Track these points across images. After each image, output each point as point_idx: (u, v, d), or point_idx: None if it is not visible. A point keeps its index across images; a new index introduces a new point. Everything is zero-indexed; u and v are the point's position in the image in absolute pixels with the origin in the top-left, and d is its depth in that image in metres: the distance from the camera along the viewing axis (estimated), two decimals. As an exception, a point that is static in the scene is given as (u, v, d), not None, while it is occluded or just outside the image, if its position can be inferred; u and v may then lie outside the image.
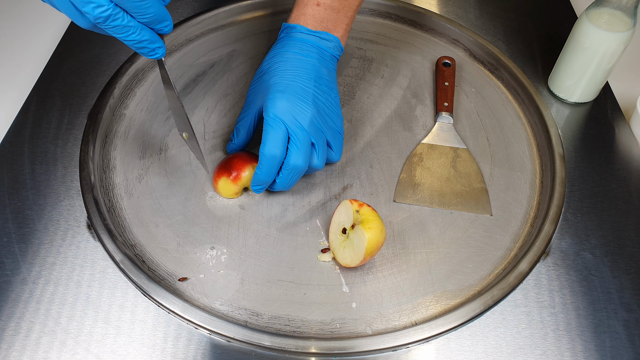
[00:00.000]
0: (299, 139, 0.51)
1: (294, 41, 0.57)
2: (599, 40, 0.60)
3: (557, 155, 0.60)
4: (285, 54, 0.56)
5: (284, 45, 0.58)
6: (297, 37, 0.58)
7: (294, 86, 0.53)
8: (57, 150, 0.61)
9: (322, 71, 0.56)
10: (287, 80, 0.54)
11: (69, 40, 0.73)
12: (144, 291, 0.50)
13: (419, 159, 0.61)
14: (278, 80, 0.54)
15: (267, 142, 0.51)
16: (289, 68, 0.55)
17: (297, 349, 0.47)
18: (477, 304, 0.49)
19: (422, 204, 0.58)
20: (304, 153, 0.52)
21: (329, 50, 0.58)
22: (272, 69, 0.56)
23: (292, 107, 0.52)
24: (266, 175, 0.52)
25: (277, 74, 0.55)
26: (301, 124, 0.52)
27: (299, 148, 0.51)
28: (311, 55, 0.56)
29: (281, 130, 0.51)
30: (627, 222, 0.56)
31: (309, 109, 0.52)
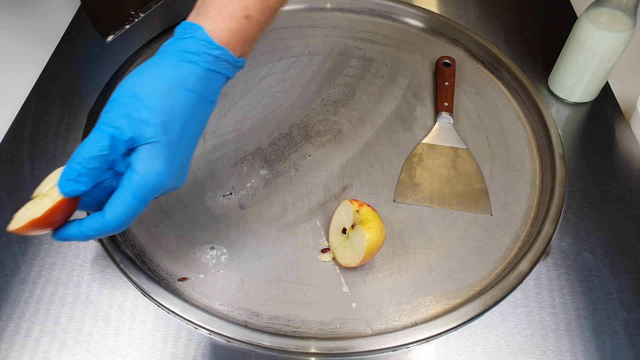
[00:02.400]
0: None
1: (219, 76, 0.46)
2: (599, 40, 0.60)
3: (557, 155, 0.60)
4: (186, 94, 0.44)
5: (201, 76, 0.44)
6: (219, 69, 0.45)
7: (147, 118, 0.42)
8: (57, 150, 0.61)
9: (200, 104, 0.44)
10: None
11: (69, 40, 0.73)
12: (144, 291, 0.50)
13: (419, 159, 0.61)
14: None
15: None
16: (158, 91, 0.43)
17: (297, 349, 0.47)
18: (477, 304, 0.49)
19: (422, 204, 0.58)
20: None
21: (227, 73, 0.45)
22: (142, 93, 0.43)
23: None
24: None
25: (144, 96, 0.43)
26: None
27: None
28: (215, 97, 0.45)
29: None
30: (627, 222, 0.56)
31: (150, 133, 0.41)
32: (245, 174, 0.60)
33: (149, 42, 0.71)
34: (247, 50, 0.47)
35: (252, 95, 0.68)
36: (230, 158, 0.61)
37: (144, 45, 0.71)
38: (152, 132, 0.40)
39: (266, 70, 0.71)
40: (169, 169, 0.42)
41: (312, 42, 0.75)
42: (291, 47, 0.74)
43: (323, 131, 0.64)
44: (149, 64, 0.43)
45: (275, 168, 0.60)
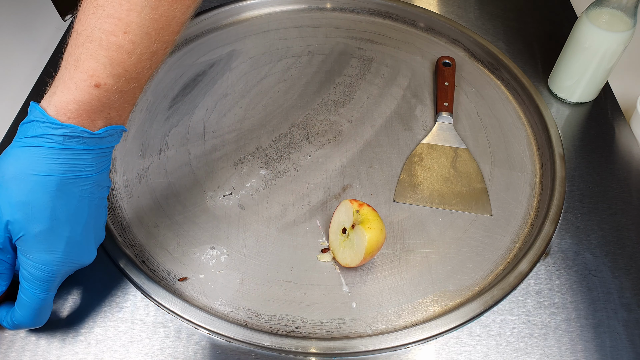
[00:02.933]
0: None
1: (68, 155, 0.41)
2: (599, 40, 0.60)
3: (557, 155, 0.60)
4: (46, 185, 0.41)
5: (50, 158, 0.41)
6: (69, 145, 0.41)
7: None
8: (57, 150, 0.61)
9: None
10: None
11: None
12: (144, 291, 0.50)
13: (419, 159, 0.61)
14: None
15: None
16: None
17: (297, 349, 0.47)
18: (477, 304, 0.49)
19: (422, 204, 0.58)
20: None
21: (110, 145, 0.43)
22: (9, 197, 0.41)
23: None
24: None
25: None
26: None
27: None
28: (90, 177, 0.42)
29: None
30: (627, 222, 0.56)
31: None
32: (245, 174, 0.60)
33: (149, 42, 0.71)
34: (119, 117, 0.42)
35: (252, 95, 0.68)
36: (230, 158, 0.61)
37: (144, 45, 0.71)
38: (17, 227, 0.39)
39: (266, 70, 0.71)
40: (52, 257, 0.41)
41: (312, 42, 0.75)
42: (291, 47, 0.74)
43: (323, 131, 0.64)
44: (1, 156, 0.41)
45: (275, 168, 0.60)
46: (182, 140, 0.63)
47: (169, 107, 0.66)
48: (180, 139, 0.63)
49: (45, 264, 0.41)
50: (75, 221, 0.42)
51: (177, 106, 0.66)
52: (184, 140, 0.63)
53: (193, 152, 0.61)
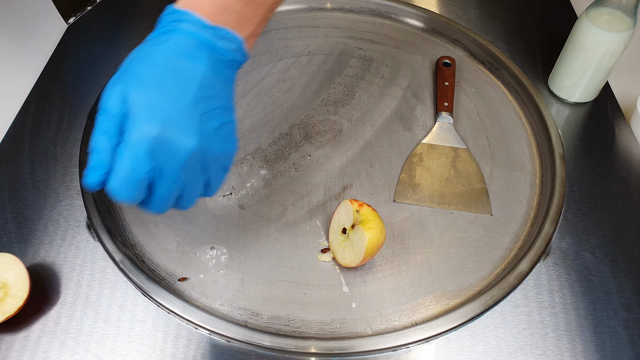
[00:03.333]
0: (161, 190, 0.40)
1: (179, 36, 0.41)
2: (599, 40, 0.60)
3: (557, 155, 0.60)
4: (162, 55, 0.40)
5: (164, 40, 0.41)
6: (184, 29, 0.41)
7: (170, 110, 0.38)
8: (56, 150, 0.61)
9: (213, 84, 0.40)
10: (162, 99, 0.38)
11: (69, 40, 0.73)
12: (144, 291, 0.50)
13: (419, 159, 0.61)
14: (146, 95, 0.38)
15: (117, 180, 0.39)
16: (165, 79, 0.39)
17: (297, 349, 0.47)
18: (477, 304, 0.49)
19: (422, 204, 0.58)
20: (161, 203, 0.41)
21: (227, 54, 0.42)
22: (142, 76, 0.40)
23: (162, 143, 0.38)
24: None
25: (147, 85, 0.39)
26: (170, 171, 0.39)
27: (158, 199, 0.41)
28: (201, 60, 0.40)
29: (141, 174, 0.38)
30: (627, 222, 0.56)
31: (185, 149, 0.39)
32: (245, 174, 0.60)
33: (149, 42, 0.71)
34: (240, 24, 0.42)
35: (252, 95, 0.68)
36: (230, 158, 0.61)
37: (144, 45, 0.71)
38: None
39: (266, 70, 0.71)
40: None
41: (312, 42, 0.75)
42: (291, 47, 0.74)
43: (323, 131, 0.64)
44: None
45: (275, 168, 0.60)
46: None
47: None
48: (180, 139, 0.63)
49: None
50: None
51: (177, 106, 0.66)
52: None
53: (193, 152, 0.61)
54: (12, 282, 0.47)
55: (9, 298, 0.47)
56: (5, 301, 0.47)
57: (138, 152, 0.38)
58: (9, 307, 0.46)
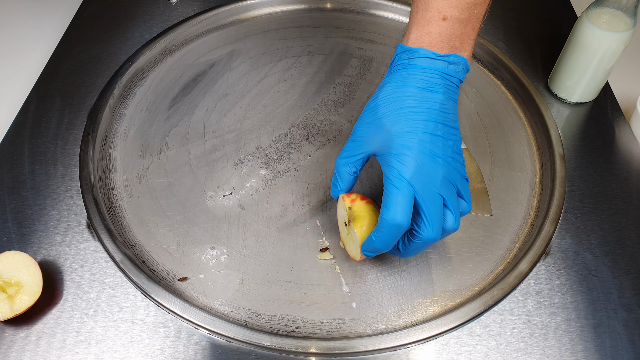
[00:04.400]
0: (430, 209, 0.43)
1: (417, 71, 0.46)
2: (599, 40, 0.60)
3: (557, 155, 0.60)
4: (407, 90, 0.46)
5: (405, 76, 0.47)
6: (420, 65, 0.47)
7: (422, 138, 0.44)
8: (57, 150, 0.61)
9: (448, 107, 0.46)
10: (413, 128, 0.45)
11: (69, 40, 0.73)
12: (144, 291, 0.50)
13: None
14: (402, 127, 0.45)
15: (392, 207, 0.43)
16: (413, 110, 0.45)
17: (297, 349, 0.47)
18: (477, 304, 0.49)
19: None
20: (437, 224, 0.44)
21: (456, 76, 0.47)
22: (392, 109, 0.46)
23: (421, 167, 0.43)
24: (383, 245, 0.45)
25: (399, 118, 0.45)
26: (433, 188, 0.43)
27: (431, 220, 0.43)
28: (438, 89, 0.46)
29: (409, 196, 0.43)
30: (627, 222, 0.56)
31: (440, 168, 0.44)
32: (245, 174, 0.60)
33: (149, 42, 0.71)
34: (462, 46, 0.48)
35: (252, 95, 0.68)
36: (230, 158, 0.61)
37: (144, 45, 0.71)
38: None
39: (266, 70, 0.71)
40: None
41: (312, 42, 0.75)
42: (291, 47, 0.74)
43: (323, 131, 0.64)
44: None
45: (275, 168, 0.60)
46: (182, 140, 0.63)
47: (169, 107, 0.66)
48: (180, 139, 0.63)
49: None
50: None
51: (177, 106, 0.66)
52: (184, 140, 0.63)
53: (193, 152, 0.61)
54: (25, 280, 0.48)
55: (21, 295, 0.47)
56: (16, 298, 0.47)
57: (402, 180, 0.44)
58: (20, 305, 0.47)
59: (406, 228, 0.44)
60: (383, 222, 0.44)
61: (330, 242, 0.55)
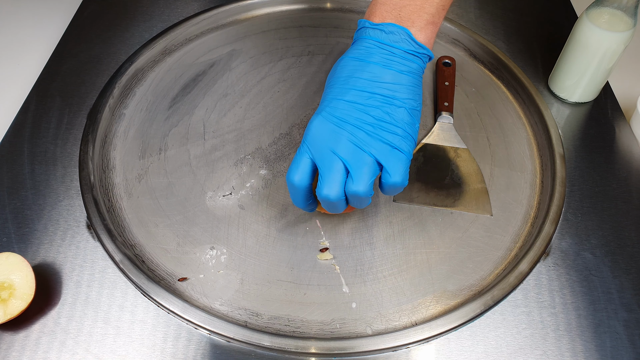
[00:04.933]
0: (324, 171, 0.45)
1: (357, 43, 0.49)
2: (599, 40, 0.60)
3: (557, 155, 0.60)
4: (342, 61, 0.49)
5: (349, 50, 0.50)
6: (361, 36, 0.49)
7: (336, 103, 0.46)
8: (56, 150, 0.61)
9: (381, 76, 0.46)
10: (333, 94, 0.47)
11: (69, 40, 0.73)
12: (144, 291, 0.50)
13: (419, 159, 0.61)
14: (324, 99, 0.48)
15: (290, 168, 0.47)
16: (339, 79, 0.47)
17: (297, 349, 0.47)
18: (477, 304, 0.49)
19: (422, 204, 0.58)
20: (332, 185, 0.45)
21: (395, 45, 0.47)
22: (328, 82, 0.49)
23: (321, 132, 0.46)
24: (298, 203, 0.49)
25: (327, 90, 0.48)
26: (328, 152, 0.45)
27: (326, 181, 0.45)
28: (371, 59, 0.47)
29: (305, 160, 0.46)
30: (628, 222, 0.56)
31: (346, 133, 0.45)
32: (245, 174, 0.60)
33: (149, 42, 0.71)
34: (409, 21, 0.48)
35: (252, 95, 0.68)
36: (230, 158, 0.61)
37: (144, 45, 0.71)
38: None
39: (266, 70, 0.71)
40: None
41: (312, 42, 0.75)
42: (291, 47, 0.74)
43: (323, 131, 0.64)
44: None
45: (275, 168, 0.60)
46: (182, 140, 0.63)
47: (169, 107, 0.66)
48: (180, 139, 0.63)
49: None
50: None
51: (177, 106, 0.66)
52: (184, 140, 0.63)
53: (193, 152, 0.61)
54: (18, 284, 0.47)
55: (13, 299, 0.47)
56: (9, 302, 0.47)
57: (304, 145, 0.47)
58: (13, 309, 0.46)
59: (304, 187, 0.47)
60: (287, 181, 0.48)
61: (330, 242, 0.55)
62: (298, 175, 0.47)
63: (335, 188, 0.45)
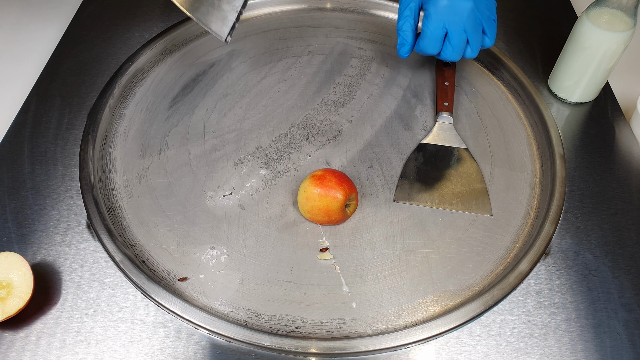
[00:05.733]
0: (454, 37, 0.55)
1: None
2: (599, 40, 0.60)
3: (557, 155, 0.60)
4: None
5: None
6: None
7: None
8: (56, 150, 0.61)
9: None
10: None
11: (69, 40, 0.73)
12: (144, 291, 0.50)
13: (419, 159, 0.61)
14: None
15: (422, 40, 0.56)
16: None
17: (297, 349, 0.47)
18: (477, 304, 0.49)
19: (422, 204, 0.58)
20: (458, 49, 0.56)
21: None
22: None
23: (449, 5, 0.54)
24: (426, 47, 0.57)
25: None
26: (459, 24, 0.54)
27: (454, 46, 0.56)
28: None
29: (436, 30, 0.55)
30: (627, 222, 0.56)
31: (467, 5, 0.54)
32: (245, 174, 0.60)
33: (149, 42, 0.71)
34: None
35: (252, 95, 0.68)
36: (230, 158, 0.61)
37: (144, 45, 0.71)
38: None
39: (266, 70, 0.71)
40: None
41: (312, 42, 0.75)
42: (291, 47, 0.74)
43: (323, 131, 0.64)
44: None
45: (275, 168, 0.60)
46: (182, 140, 0.63)
47: (169, 107, 0.66)
48: (180, 139, 0.63)
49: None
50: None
51: (177, 106, 0.66)
52: (184, 140, 0.63)
53: (193, 152, 0.61)
54: (17, 282, 0.47)
55: (11, 298, 0.47)
56: (7, 301, 0.47)
57: (437, 17, 0.55)
58: (10, 307, 0.46)
59: (435, 52, 0.57)
60: (419, 51, 0.58)
61: (330, 242, 0.55)
62: (436, 45, 0.57)
63: (459, 55, 0.58)
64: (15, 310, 0.47)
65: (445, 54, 0.57)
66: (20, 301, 0.47)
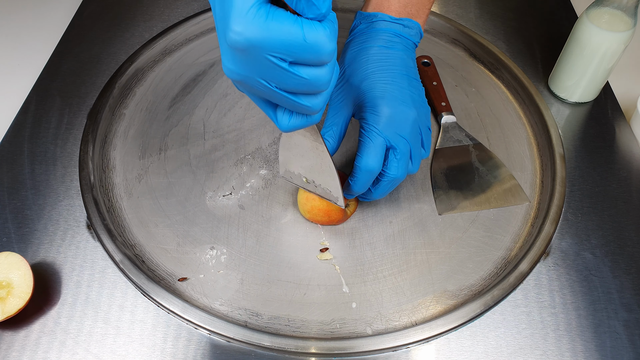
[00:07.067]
0: (400, 152, 0.48)
1: (377, 32, 0.52)
2: (599, 40, 0.59)
3: (558, 155, 0.60)
4: (370, 49, 0.51)
5: (366, 38, 0.52)
6: (379, 27, 0.52)
7: (391, 90, 0.49)
8: (56, 150, 0.61)
9: (409, 64, 0.51)
10: (382, 82, 0.49)
11: (69, 40, 0.73)
12: (144, 291, 0.50)
13: (440, 166, 0.61)
14: (371, 84, 0.49)
15: (365, 155, 0.47)
16: (378, 67, 0.50)
17: (297, 349, 0.47)
18: (477, 304, 0.49)
19: (466, 210, 0.57)
20: (404, 164, 0.48)
21: (411, 38, 0.53)
22: (357, 68, 0.51)
23: (393, 116, 0.47)
24: (360, 188, 0.49)
25: (366, 74, 0.50)
26: (403, 134, 0.48)
27: (400, 160, 0.48)
28: (397, 47, 0.51)
29: (381, 144, 0.47)
30: (628, 222, 0.56)
31: (410, 115, 0.48)
32: (245, 174, 0.60)
33: (149, 42, 0.71)
34: (418, 15, 0.54)
35: (252, 95, 0.68)
36: (230, 158, 0.61)
37: (144, 45, 0.71)
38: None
39: (266, 70, 0.71)
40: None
41: (312, 42, 0.74)
42: (291, 47, 0.74)
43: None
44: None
45: (275, 168, 0.60)
46: (182, 140, 0.63)
47: (169, 107, 0.66)
48: (180, 139, 0.63)
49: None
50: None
51: (177, 106, 0.66)
52: (184, 140, 0.63)
53: (193, 152, 0.61)
54: (17, 282, 0.47)
55: (11, 298, 0.47)
56: (7, 301, 0.47)
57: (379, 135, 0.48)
58: (10, 307, 0.46)
59: (378, 171, 0.48)
60: (359, 170, 0.48)
61: (330, 242, 0.55)
62: (377, 161, 0.48)
63: (405, 170, 0.49)
64: (15, 310, 0.47)
65: (392, 170, 0.48)
66: (20, 301, 0.47)
